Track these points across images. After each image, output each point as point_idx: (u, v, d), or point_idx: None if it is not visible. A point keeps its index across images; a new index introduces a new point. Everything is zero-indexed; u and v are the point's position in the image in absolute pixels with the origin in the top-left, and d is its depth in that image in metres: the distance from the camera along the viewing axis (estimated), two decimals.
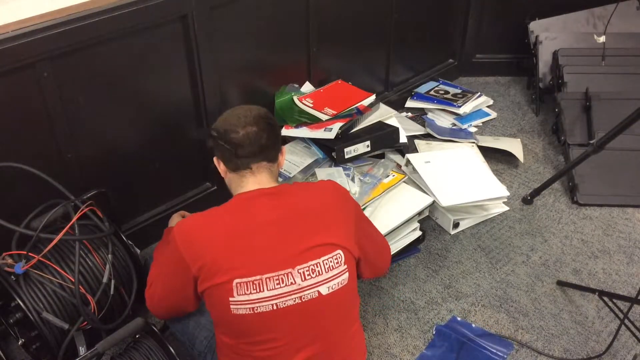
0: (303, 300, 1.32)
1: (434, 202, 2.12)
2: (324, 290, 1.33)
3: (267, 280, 1.29)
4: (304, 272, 1.31)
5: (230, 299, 1.30)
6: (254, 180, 1.43)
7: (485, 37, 3.06)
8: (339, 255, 1.36)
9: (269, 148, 1.43)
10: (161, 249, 1.62)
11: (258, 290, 1.29)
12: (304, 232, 1.35)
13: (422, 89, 2.96)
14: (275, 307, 1.30)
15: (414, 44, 2.83)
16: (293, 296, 1.31)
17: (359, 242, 1.44)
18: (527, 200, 2.37)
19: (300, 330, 1.34)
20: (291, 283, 1.30)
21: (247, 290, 1.29)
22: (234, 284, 1.29)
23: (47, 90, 1.64)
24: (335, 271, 1.35)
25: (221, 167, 1.49)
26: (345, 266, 1.37)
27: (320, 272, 1.33)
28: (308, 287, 1.32)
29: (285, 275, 1.30)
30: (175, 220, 1.81)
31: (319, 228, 1.36)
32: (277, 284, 1.30)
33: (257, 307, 1.30)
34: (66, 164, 1.77)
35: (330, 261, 1.34)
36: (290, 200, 1.40)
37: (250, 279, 1.29)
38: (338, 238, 1.37)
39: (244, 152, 1.41)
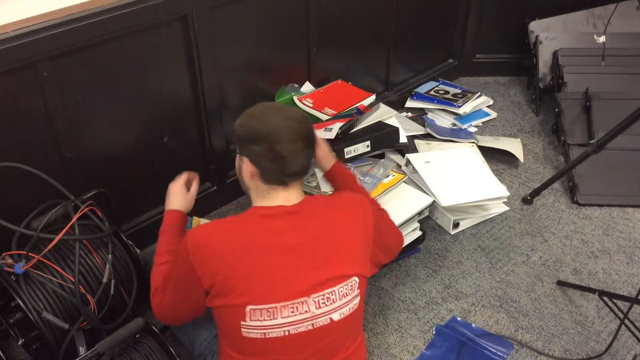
0: (315, 327, 1.30)
1: (434, 202, 2.12)
2: (335, 316, 1.32)
3: (282, 308, 1.27)
4: (318, 301, 1.29)
5: (242, 322, 1.26)
6: (283, 196, 1.34)
7: (485, 37, 3.06)
8: (353, 282, 1.34)
9: (309, 165, 1.38)
10: (165, 244, 1.50)
11: (272, 318, 1.27)
12: (322, 262, 1.31)
13: (422, 89, 2.96)
14: (286, 334, 1.28)
15: (414, 44, 2.83)
16: (305, 323, 1.29)
17: (374, 249, 1.43)
18: (527, 200, 2.37)
19: (308, 350, 1.33)
20: (305, 311, 1.28)
21: (261, 317, 1.26)
22: (248, 309, 1.25)
23: (47, 90, 1.64)
24: (348, 297, 1.33)
25: (249, 170, 1.35)
26: (358, 291, 1.36)
27: (334, 300, 1.31)
28: (321, 315, 1.30)
29: (300, 303, 1.28)
30: (176, 195, 1.62)
31: (338, 257, 1.33)
32: (292, 312, 1.27)
33: (269, 332, 1.27)
34: (66, 164, 1.77)
35: (345, 288, 1.32)
36: (311, 222, 1.34)
37: (264, 306, 1.26)
38: (354, 266, 1.35)
39: (289, 170, 1.32)
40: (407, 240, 2.08)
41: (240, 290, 1.26)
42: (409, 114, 2.87)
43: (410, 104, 2.90)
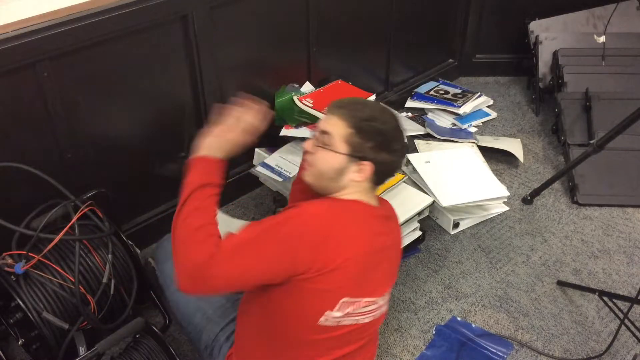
0: (374, 318, 1.37)
1: (434, 202, 2.12)
2: (384, 309, 1.42)
3: (366, 302, 1.32)
4: (385, 296, 1.40)
5: (327, 312, 1.25)
6: (375, 195, 1.41)
7: (485, 37, 3.06)
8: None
9: None
10: (199, 200, 1.25)
11: (355, 308, 1.29)
12: (396, 265, 1.46)
13: (422, 89, 2.96)
14: (355, 323, 1.32)
15: (414, 44, 2.83)
16: (371, 315, 1.35)
17: None
18: (527, 200, 2.37)
19: (362, 341, 1.39)
20: (375, 304, 1.35)
21: (347, 308, 1.27)
22: (341, 301, 1.25)
23: (47, 90, 1.64)
24: (388, 296, 1.44)
25: (366, 173, 1.31)
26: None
27: (389, 294, 1.43)
28: (382, 306, 1.39)
29: (377, 299, 1.35)
30: (212, 141, 1.36)
31: (398, 263, 1.48)
32: (368, 305, 1.33)
33: (343, 321, 1.29)
34: (66, 164, 1.77)
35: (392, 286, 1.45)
36: (393, 229, 1.46)
37: (356, 299, 1.28)
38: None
39: (398, 168, 1.41)
40: (407, 240, 2.08)
41: (344, 280, 1.24)
42: (409, 114, 2.87)
43: (410, 104, 2.90)
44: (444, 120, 2.80)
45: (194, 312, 1.55)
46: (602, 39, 2.66)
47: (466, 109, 2.79)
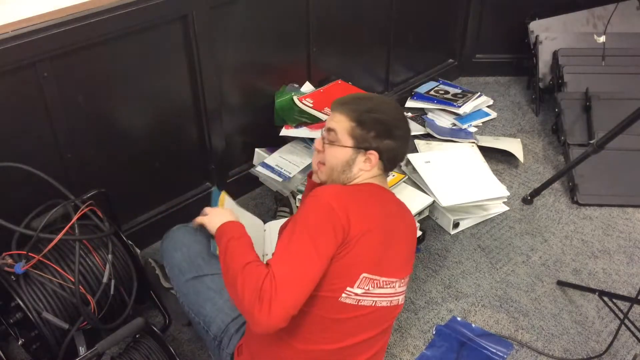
0: (391, 304, 1.39)
1: (434, 202, 2.12)
2: (401, 299, 1.44)
3: (384, 282, 1.35)
4: (402, 281, 1.42)
5: (348, 288, 1.28)
6: (385, 183, 1.48)
7: (485, 37, 3.06)
8: (409, 277, 1.50)
9: None
10: (241, 252, 1.31)
11: (372, 287, 1.32)
12: (412, 251, 1.48)
13: (422, 89, 2.96)
14: (373, 304, 1.34)
15: (414, 44, 2.83)
16: (389, 299, 1.38)
17: None
18: (527, 200, 2.37)
19: (380, 327, 1.41)
20: (393, 289, 1.38)
21: (366, 285, 1.31)
22: (361, 276, 1.29)
23: (47, 90, 1.64)
24: (405, 288, 1.46)
25: (374, 161, 1.40)
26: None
27: (406, 284, 1.45)
28: (399, 294, 1.42)
29: (395, 282, 1.38)
30: (222, 211, 1.51)
31: (414, 250, 1.51)
32: (387, 285, 1.36)
33: (362, 300, 1.31)
34: (66, 164, 1.77)
35: (407, 279, 1.46)
36: (408, 215, 1.52)
37: (375, 277, 1.32)
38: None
39: (404, 152, 1.48)
40: None
41: (364, 256, 1.29)
42: (409, 114, 2.87)
43: (410, 104, 2.90)
44: (444, 120, 2.80)
45: (204, 303, 1.54)
46: (602, 39, 2.66)
47: (466, 109, 2.79)
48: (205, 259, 1.63)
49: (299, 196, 2.11)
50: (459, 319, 1.90)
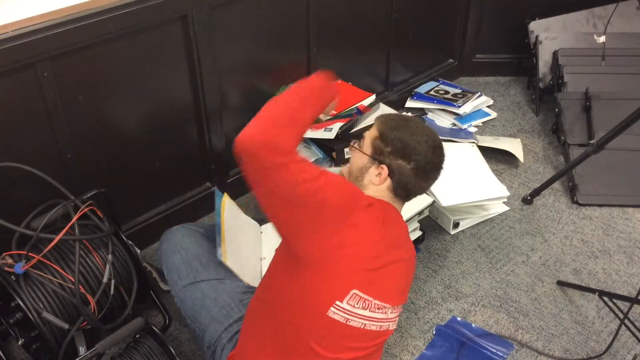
0: (380, 329, 1.37)
1: (434, 202, 2.12)
2: (392, 325, 1.42)
3: (376, 305, 1.32)
4: (395, 309, 1.40)
5: (337, 302, 1.26)
6: (401, 209, 1.44)
7: (485, 37, 3.06)
8: (402, 306, 1.50)
9: None
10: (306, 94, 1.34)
11: (363, 308, 1.30)
12: (408, 282, 1.47)
13: (422, 89, 2.96)
14: (362, 327, 1.31)
15: (414, 44, 2.83)
16: (379, 324, 1.35)
17: None
18: (527, 200, 2.37)
19: (363, 343, 1.37)
20: (385, 314, 1.36)
21: (357, 304, 1.28)
22: (352, 292, 1.27)
23: (47, 90, 1.64)
24: (397, 314, 1.44)
25: (383, 176, 1.37)
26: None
27: (398, 312, 1.43)
28: (391, 320, 1.40)
29: (387, 308, 1.36)
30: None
31: (410, 283, 1.50)
32: (378, 310, 1.33)
33: (351, 320, 1.29)
34: (66, 164, 1.77)
35: (400, 307, 1.45)
36: (410, 247, 1.48)
37: (366, 297, 1.29)
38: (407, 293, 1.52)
39: (418, 182, 1.39)
40: None
41: (355, 270, 1.27)
42: (409, 114, 2.87)
43: (410, 104, 2.90)
44: (444, 120, 2.80)
45: (199, 310, 1.54)
46: (602, 39, 2.66)
47: (466, 109, 2.79)
48: (203, 262, 1.62)
49: None
50: (459, 319, 1.90)
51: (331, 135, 2.11)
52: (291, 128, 1.20)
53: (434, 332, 1.85)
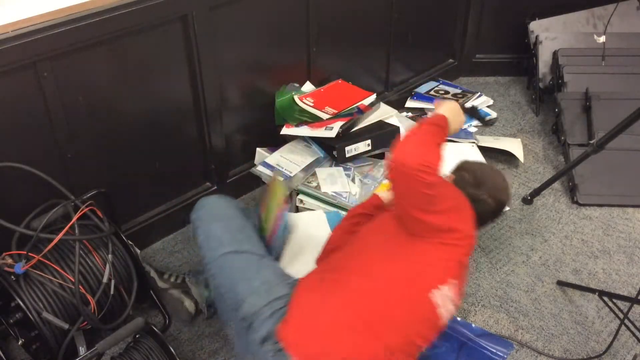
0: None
1: None
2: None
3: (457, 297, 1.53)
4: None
5: (439, 285, 1.44)
6: None
7: (485, 37, 3.06)
8: None
9: None
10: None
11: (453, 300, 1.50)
12: None
13: (422, 89, 2.96)
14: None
15: (414, 43, 2.82)
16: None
17: None
18: (527, 200, 2.37)
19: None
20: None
21: (450, 293, 1.47)
22: (450, 280, 1.47)
23: (47, 90, 1.64)
24: None
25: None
26: None
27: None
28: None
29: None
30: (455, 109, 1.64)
31: None
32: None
33: (440, 309, 1.46)
34: (66, 164, 1.77)
35: None
36: None
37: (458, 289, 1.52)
38: None
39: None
40: None
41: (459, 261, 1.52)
42: (409, 114, 2.86)
43: (410, 104, 2.90)
44: None
45: (238, 281, 1.47)
46: (602, 39, 2.66)
47: None
48: (248, 235, 1.58)
49: (300, 195, 2.11)
50: (459, 319, 1.90)
51: (332, 134, 2.11)
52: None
53: None
